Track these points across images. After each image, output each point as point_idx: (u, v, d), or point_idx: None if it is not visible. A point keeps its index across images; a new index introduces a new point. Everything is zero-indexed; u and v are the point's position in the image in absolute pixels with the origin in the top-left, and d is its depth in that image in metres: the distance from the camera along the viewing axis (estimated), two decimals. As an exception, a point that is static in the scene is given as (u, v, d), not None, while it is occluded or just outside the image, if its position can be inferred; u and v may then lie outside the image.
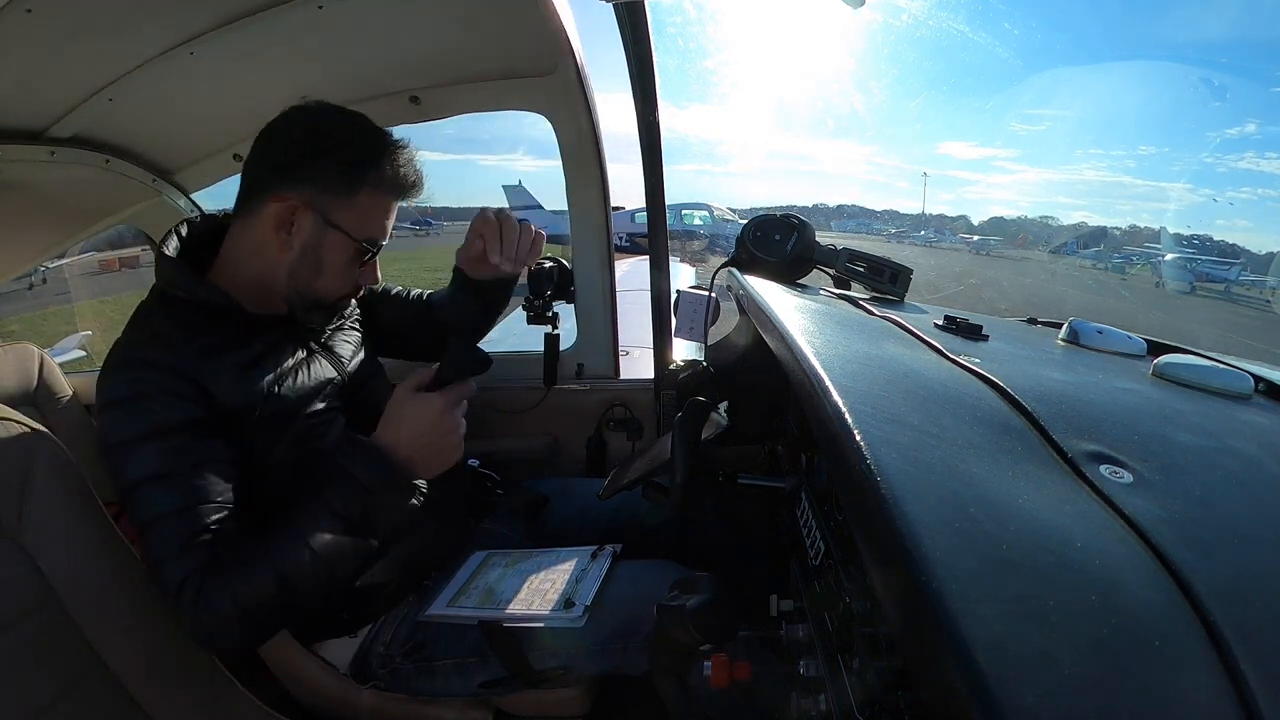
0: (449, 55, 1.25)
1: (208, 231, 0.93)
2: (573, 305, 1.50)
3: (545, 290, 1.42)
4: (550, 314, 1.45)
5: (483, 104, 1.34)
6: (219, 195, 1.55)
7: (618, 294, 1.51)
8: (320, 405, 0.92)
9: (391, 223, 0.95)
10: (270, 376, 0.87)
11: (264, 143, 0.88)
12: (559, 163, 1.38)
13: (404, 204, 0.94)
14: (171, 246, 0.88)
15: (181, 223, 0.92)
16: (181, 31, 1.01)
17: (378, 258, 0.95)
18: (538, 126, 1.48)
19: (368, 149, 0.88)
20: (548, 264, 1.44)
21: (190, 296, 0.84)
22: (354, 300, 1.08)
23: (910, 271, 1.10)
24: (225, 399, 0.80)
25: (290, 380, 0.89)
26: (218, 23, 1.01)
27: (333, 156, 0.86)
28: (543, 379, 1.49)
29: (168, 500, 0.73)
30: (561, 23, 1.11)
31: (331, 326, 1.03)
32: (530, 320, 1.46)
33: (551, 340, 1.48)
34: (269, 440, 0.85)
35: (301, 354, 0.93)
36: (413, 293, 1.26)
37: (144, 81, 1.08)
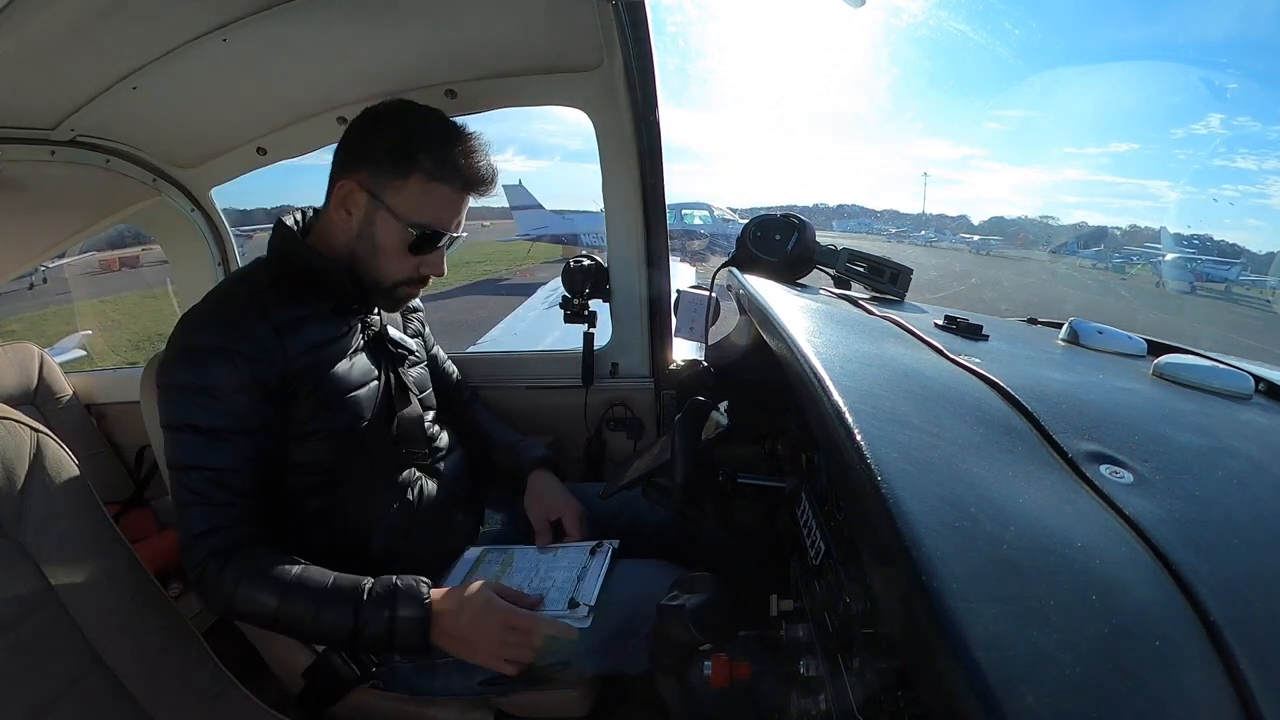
0: (490, 48, 1.21)
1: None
2: (608, 304, 1.48)
3: (583, 288, 1.42)
4: (588, 313, 1.45)
5: (522, 99, 1.30)
6: (225, 194, 1.54)
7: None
8: (363, 392, 0.96)
9: (456, 215, 0.95)
10: (332, 355, 0.93)
11: (343, 135, 0.95)
12: (549, 164, 1.37)
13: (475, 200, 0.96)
14: (290, 221, 0.98)
15: (296, 210, 1.01)
16: (213, 18, 0.99)
17: (443, 252, 0.97)
18: (527, 127, 1.47)
19: (421, 132, 0.90)
20: (586, 262, 1.44)
21: (298, 261, 0.93)
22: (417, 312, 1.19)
23: (910, 271, 1.09)
24: (294, 365, 0.88)
25: (347, 363, 0.95)
26: (252, 9, 0.99)
27: (384, 136, 0.90)
28: (581, 378, 1.49)
29: (203, 486, 0.83)
30: (611, 17, 1.08)
31: (398, 330, 1.09)
32: (567, 319, 1.46)
33: (590, 339, 1.48)
34: (313, 410, 0.90)
35: (361, 341, 0.99)
36: (448, 366, 1.29)
37: (159, 77, 1.06)
